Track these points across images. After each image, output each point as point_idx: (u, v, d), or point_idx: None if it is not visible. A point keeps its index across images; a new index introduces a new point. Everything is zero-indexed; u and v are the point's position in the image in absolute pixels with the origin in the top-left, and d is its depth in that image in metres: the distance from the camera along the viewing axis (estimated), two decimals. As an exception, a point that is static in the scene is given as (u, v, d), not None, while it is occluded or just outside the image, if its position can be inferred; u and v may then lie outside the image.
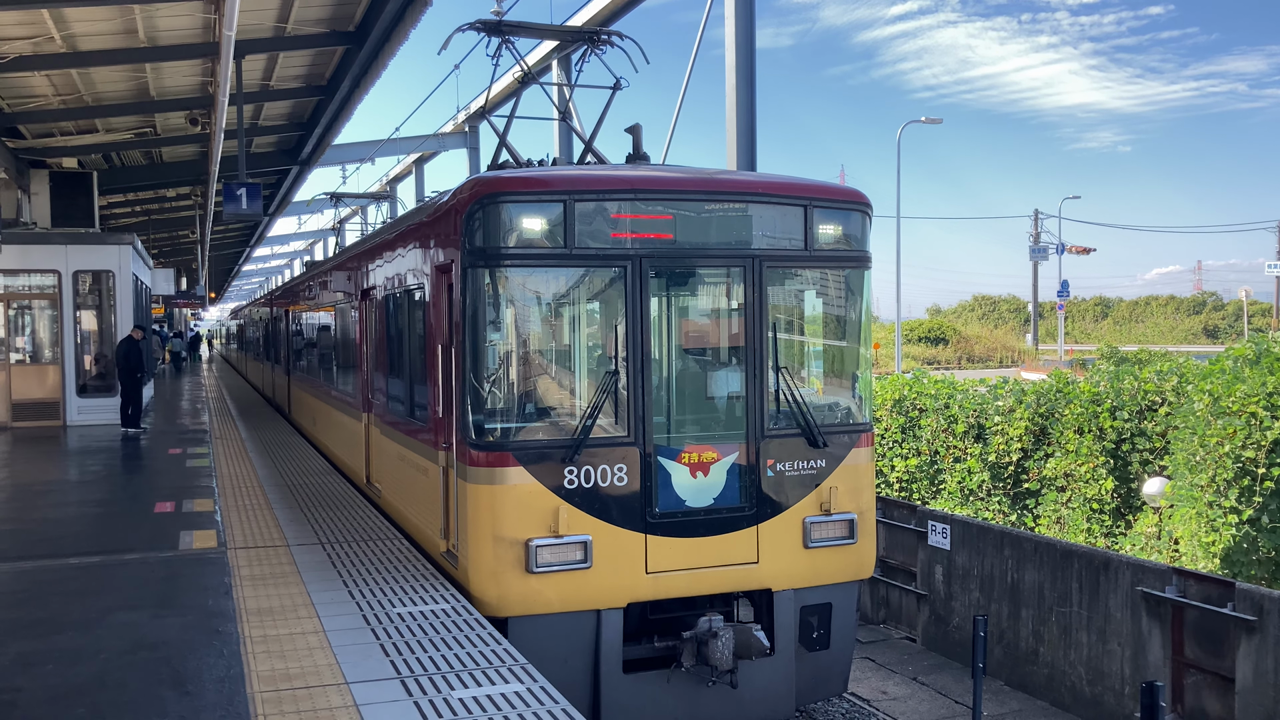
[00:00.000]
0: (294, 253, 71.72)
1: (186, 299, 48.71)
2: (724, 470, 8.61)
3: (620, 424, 8.39)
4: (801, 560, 8.86)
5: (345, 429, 14.88)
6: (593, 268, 8.46)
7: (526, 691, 6.16)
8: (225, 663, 6.64)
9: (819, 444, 8.87)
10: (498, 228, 8.13)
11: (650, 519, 8.38)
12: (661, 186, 8.55)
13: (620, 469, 8.30)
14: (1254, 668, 10.33)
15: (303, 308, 20.90)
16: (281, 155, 27.29)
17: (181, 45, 16.43)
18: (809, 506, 8.87)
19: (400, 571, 9.08)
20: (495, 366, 8.35)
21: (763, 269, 8.78)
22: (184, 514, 11.61)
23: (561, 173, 8.84)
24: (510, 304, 8.40)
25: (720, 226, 8.67)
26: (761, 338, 8.76)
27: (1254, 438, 12.86)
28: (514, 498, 8.08)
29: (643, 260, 8.41)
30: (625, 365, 8.37)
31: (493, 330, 8.29)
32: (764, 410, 8.74)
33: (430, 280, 9.27)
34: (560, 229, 8.20)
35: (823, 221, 8.98)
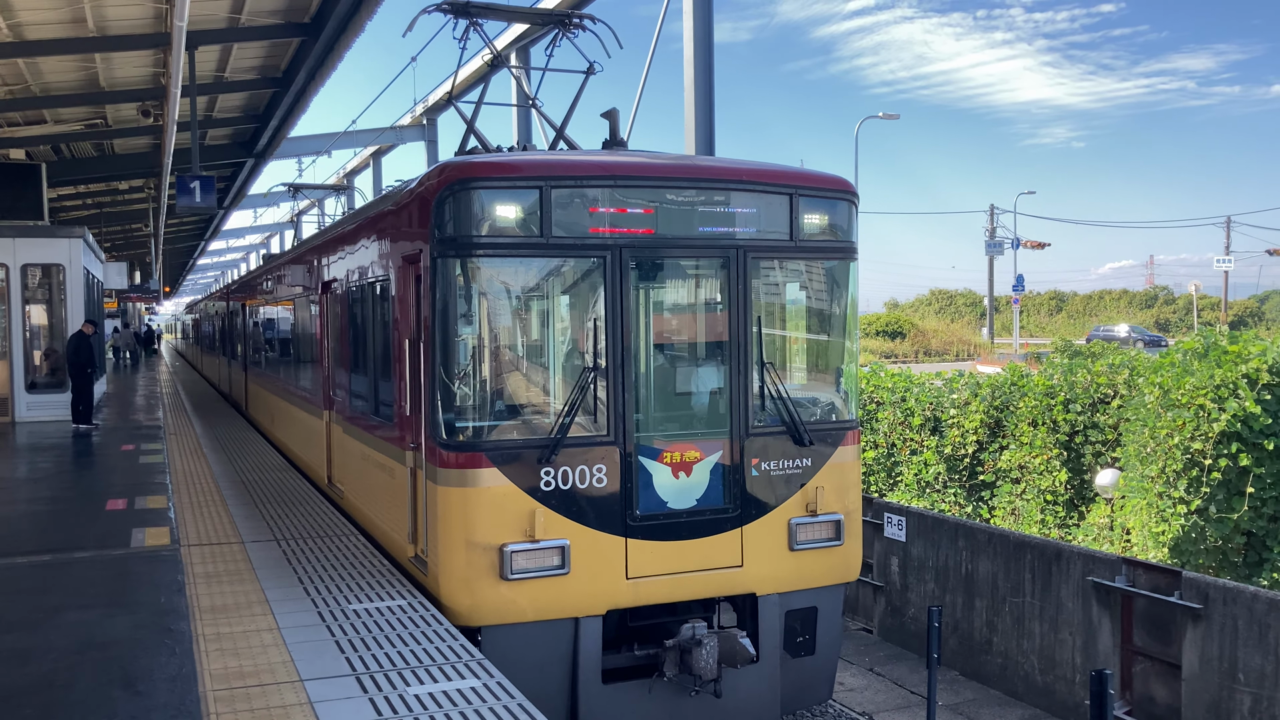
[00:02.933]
0: (250, 246, 70.88)
1: (140, 293, 48.00)
2: (707, 470, 8.30)
3: (599, 422, 8.06)
4: (787, 563, 8.57)
5: (305, 427, 14.38)
6: (570, 258, 8.10)
7: (483, 686, 6.15)
8: (177, 661, 6.57)
9: (805, 442, 8.55)
10: (469, 215, 7.74)
11: (631, 522, 8.06)
12: (642, 173, 8.21)
13: (599, 470, 7.97)
14: (1200, 655, 10.54)
15: (260, 302, 20.19)
16: (236, 148, 26.96)
17: (132, 35, 16.17)
18: (794, 507, 8.58)
19: (356, 568, 9.02)
20: (466, 362, 7.98)
21: (747, 260, 8.44)
22: (136, 511, 11.45)
23: (537, 158, 8.41)
24: (482, 296, 8.05)
25: (703, 215, 8.34)
26: (746, 332, 8.45)
27: (1202, 429, 13.10)
28: (487, 501, 7.73)
29: (623, 250, 8.05)
30: (604, 360, 8.01)
31: (464, 324, 7.90)
32: (748, 407, 8.43)
33: (397, 272, 8.84)
34: (536, 217, 7.81)
35: (808, 211, 8.66)
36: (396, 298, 8.90)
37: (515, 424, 8.14)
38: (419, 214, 8.16)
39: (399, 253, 8.75)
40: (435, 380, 7.88)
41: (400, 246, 8.74)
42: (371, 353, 10.11)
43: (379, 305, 9.77)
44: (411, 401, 8.49)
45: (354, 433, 10.98)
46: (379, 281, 9.64)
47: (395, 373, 8.95)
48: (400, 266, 8.70)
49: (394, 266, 8.93)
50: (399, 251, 8.76)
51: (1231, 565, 13.03)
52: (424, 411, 8.10)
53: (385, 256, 9.33)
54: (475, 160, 7.98)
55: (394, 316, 8.99)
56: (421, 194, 8.13)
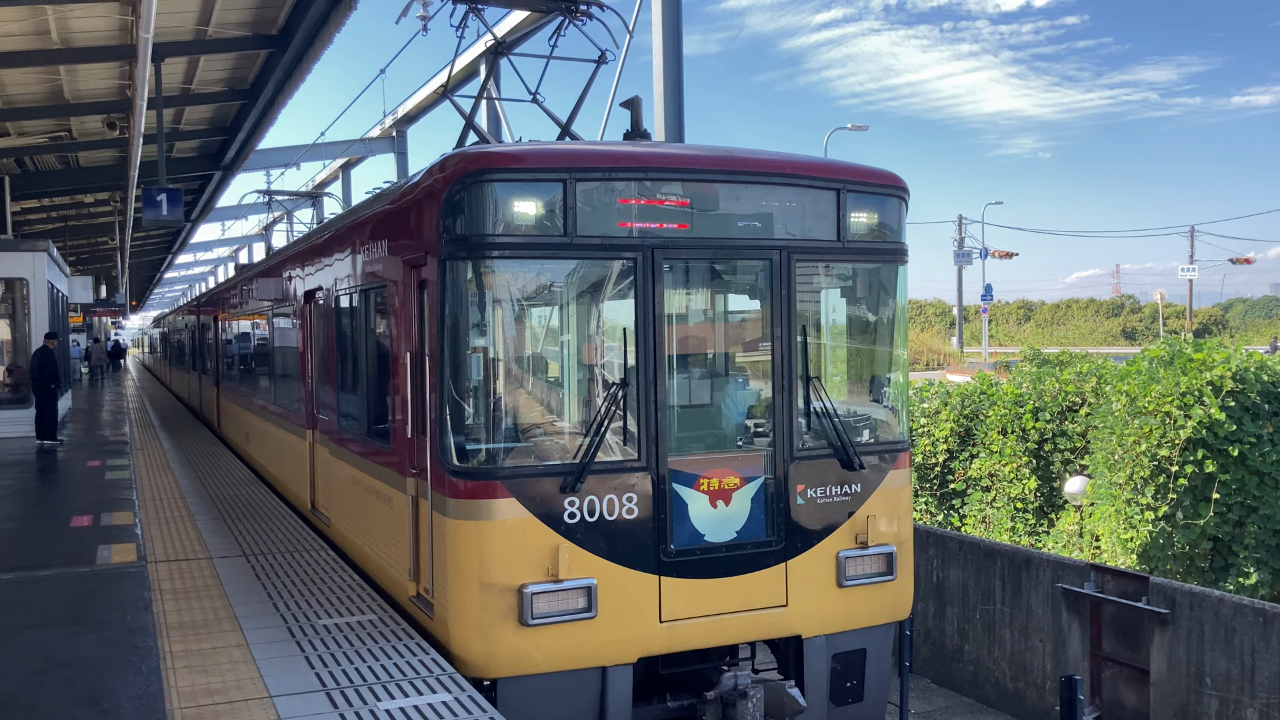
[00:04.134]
0: (218, 259, 70.34)
1: (106, 307, 47.51)
2: (748, 498, 7.45)
3: (629, 445, 7.20)
4: (835, 601, 7.71)
5: (285, 447, 13.39)
6: (596, 260, 7.23)
7: (454, 701, 6.11)
8: (144, 679, 6.48)
9: (855, 466, 7.72)
10: (484, 212, 6.88)
11: (664, 557, 7.18)
12: (677, 165, 7.36)
13: (629, 499, 7.11)
14: (1167, 659, 10.63)
15: (234, 313, 19.30)
16: (204, 160, 26.76)
17: (97, 48, 16.03)
18: (843, 539, 7.74)
19: (326, 582, 8.94)
20: (478, 378, 7.09)
21: (791, 263, 7.59)
22: (102, 527, 11.30)
23: (559, 147, 7.51)
24: (498, 303, 7.18)
25: (743, 212, 7.50)
26: (789, 343, 7.61)
27: (1169, 436, 13.25)
28: (505, 535, 6.86)
29: (654, 251, 7.18)
30: (634, 375, 7.16)
31: (476, 335, 7.05)
32: (793, 427, 7.60)
33: (396, 277, 7.99)
34: (558, 214, 6.95)
35: (857, 208, 7.83)
36: (395, 307, 8.11)
37: (534, 447, 7.28)
38: (425, 212, 7.33)
39: (399, 256, 7.94)
40: (443, 399, 7.02)
41: (401, 249, 7.93)
42: (364, 368, 9.32)
43: (374, 315, 9.01)
44: (414, 422, 7.64)
45: (343, 455, 10.04)
46: (374, 289, 8.85)
47: (393, 390, 8.14)
48: (401, 272, 7.89)
49: (393, 272, 8.13)
50: (399, 255, 7.95)
51: (1198, 570, 13.17)
52: (429, 434, 7.24)
53: (382, 261, 8.48)
54: (489, 150, 7.12)
55: (392, 327, 8.22)
56: (428, 189, 7.31)
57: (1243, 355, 13.97)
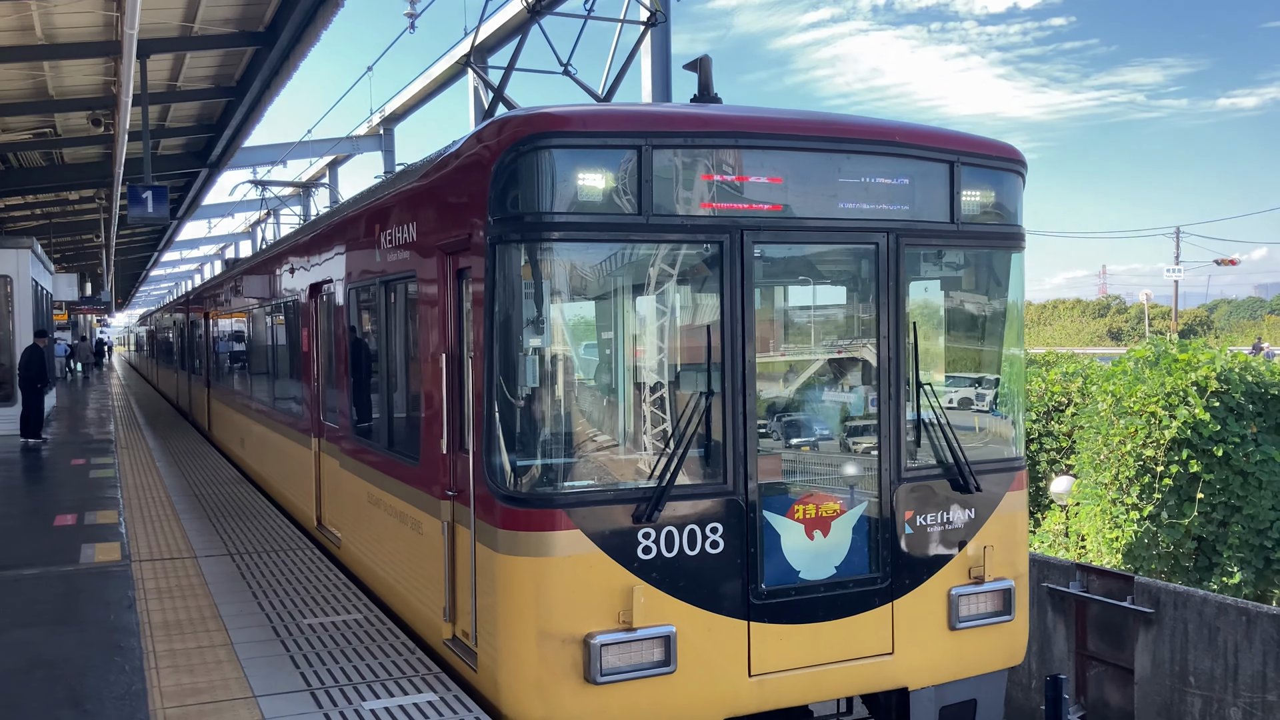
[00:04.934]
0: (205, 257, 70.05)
1: (91, 305, 47.28)
2: (849, 528, 6.42)
3: (714, 465, 6.14)
4: (946, 646, 6.70)
5: (286, 455, 12.32)
6: (676, 243, 6.15)
7: (440, 700, 6.09)
8: (127, 679, 6.44)
9: (971, 488, 6.69)
10: (543, 185, 5.78)
11: (754, 599, 6.12)
12: (773, 130, 6.23)
13: (714, 529, 6.04)
14: (1151, 658, 10.68)
15: (228, 309, 18.02)
16: (190, 157, 26.65)
17: (81, 43, 15.95)
18: (955, 573, 6.72)
19: (310, 582, 8.91)
20: (535, 385, 5.96)
21: (900, 249, 6.52)
22: (86, 526, 11.24)
23: (633, 108, 6.44)
24: (557, 296, 6.08)
25: (845, 188, 6.41)
26: (898, 344, 6.54)
27: (1154, 436, 13.31)
28: (568, 575, 5.77)
29: (744, 234, 6.10)
30: (720, 382, 6.09)
31: (532, 333, 5.92)
32: (901, 442, 6.54)
33: (428, 266, 6.92)
34: (631, 188, 5.87)
35: (971, 185, 6.82)
36: (426, 300, 7.03)
37: (602, 468, 6.29)
38: (469, 186, 6.21)
39: (433, 241, 6.83)
40: (491, 409, 5.91)
41: (435, 232, 6.82)
42: (384, 370, 8.27)
43: (395, 310, 7.99)
44: (450, 436, 6.58)
45: (357, 469, 8.90)
46: (397, 280, 7.76)
47: (425, 397, 7.02)
48: (434, 259, 6.79)
49: (423, 260, 7.03)
50: (432, 239, 6.84)
51: (1183, 570, 13.24)
52: (473, 450, 6.14)
53: (409, 247, 7.38)
54: (551, 110, 5.95)
55: (421, 324, 7.18)
56: (474, 158, 6.16)
57: (1227, 356, 14.04)
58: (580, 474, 6.16)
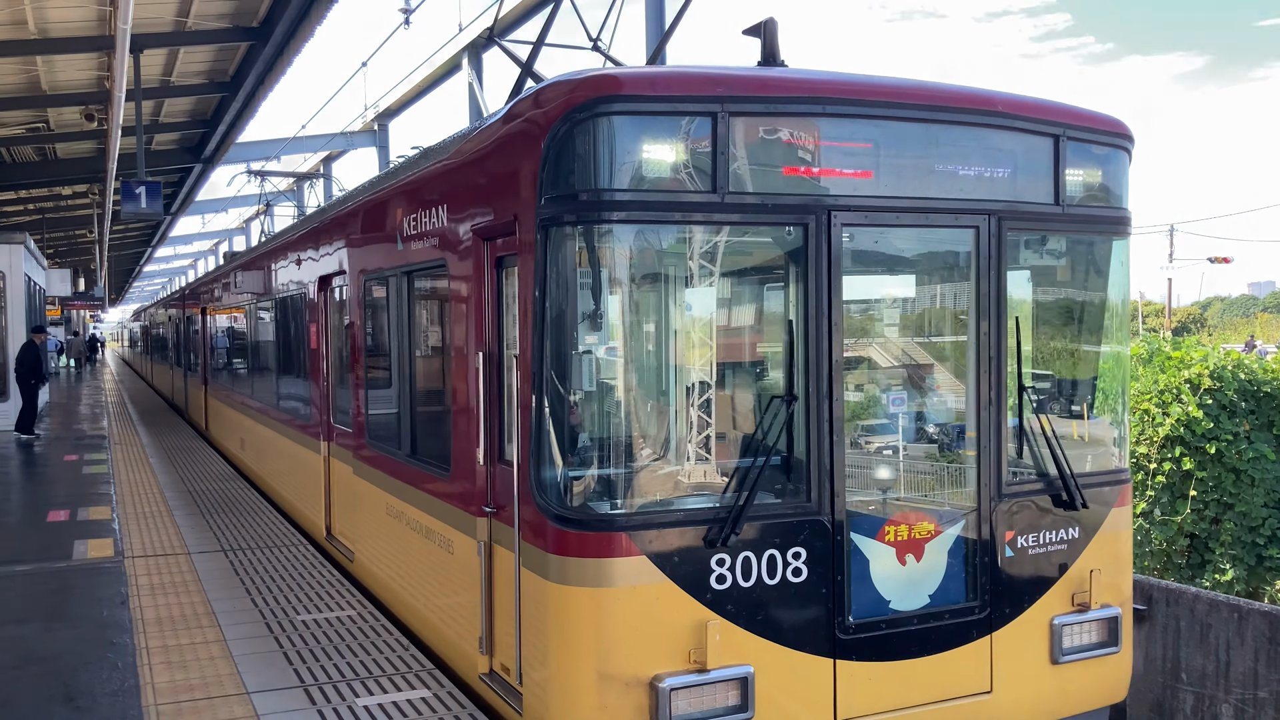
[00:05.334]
0: (199, 253, 69.94)
1: (85, 300, 47.19)
2: (944, 551, 5.73)
3: (797, 481, 5.45)
4: (1047, 682, 6.02)
5: (291, 459, 11.60)
6: (754, 225, 5.41)
7: (433, 697, 6.09)
8: (120, 675, 6.44)
9: (1076, 504, 5.97)
10: (605, 158, 5.04)
11: (841, 633, 5.44)
12: (864, 95, 5.47)
13: (796, 555, 5.34)
14: (1144, 655, 10.71)
15: (229, 303, 17.07)
16: (184, 153, 26.62)
17: (74, 38, 15.92)
18: (1057, 600, 6.02)
19: (304, 578, 8.90)
20: (595, 389, 5.26)
21: (1002, 234, 5.79)
22: (79, 522, 11.23)
23: (706, 69, 5.50)
24: (618, 286, 5.34)
25: (942, 164, 5.69)
26: (999, 342, 5.83)
27: (1147, 434, 13.34)
28: (633, 607, 5.08)
29: (830, 215, 5.36)
30: (805, 385, 5.38)
31: (589, 330, 5.18)
32: (1002, 453, 5.83)
33: (463, 253, 6.20)
34: (704, 162, 5.13)
35: (1077, 162, 6.09)
36: (460, 291, 6.31)
37: (668, 485, 5.62)
38: (516, 160, 5.47)
39: (467, 224, 6.16)
40: (542, 416, 5.20)
41: (471, 216, 6.12)
42: (406, 369, 7.55)
43: (423, 304, 7.37)
44: (487, 445, 5.89)
45: (376, 479, 8.20)
46: (425, 270, 7.06)
47: (456, 401, 6.36)
48: (469, 246, 6.11)
49: (456, 246, 6.33)
50: (467, 223, 6.17)
51: (1175, 567, 13.28)
52: (519, 463, 5.42)
53: (439, 233, 6.64)
54: (616, 71, 5.27)
55: (454, 319, 6.46)
56: (523, 128, 5.41)
57: (1220, 354, 14.08)
58: (645, 491, 5.43)
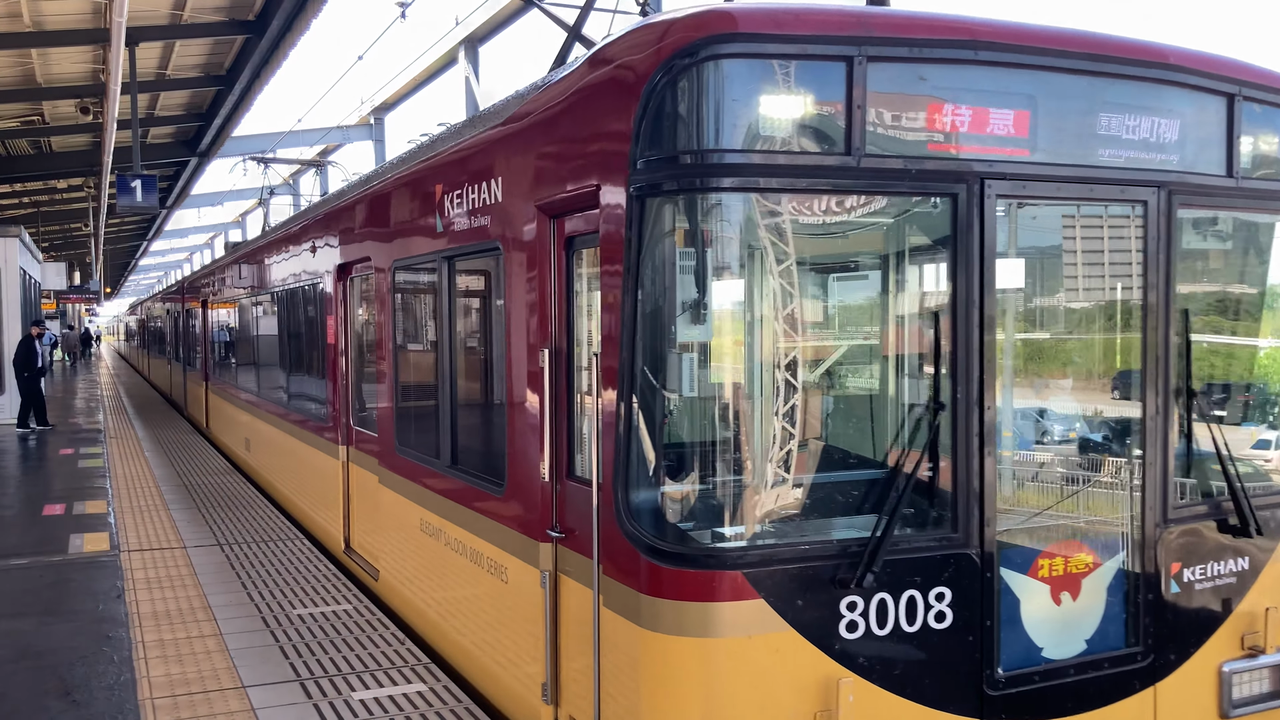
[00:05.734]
0: (194, 246, 69.86)
1: (80, 294, 47.11)
2: (1102, 587, 4.80)
3: (940, 507, 4.51)
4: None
5: (303, 464, 10.77)
6: (893, 196, 4.46)
7: (429, 691, 6.10)
8: (116, 669, 6.44)
9: (1251, 530, 5.01)
10: (716, 111, 4.05)
11: (989, 688, 4.46)
12: (1022, 41, 4.49)
13: (940, 596, 4.38)
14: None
15: (233, 295, 16.08)
16: (179, 146, 26.56)
17: (70, 31, 15.88)
18: (1226, 643, 5.07)
19: (300, 572, 8.91)
20: (701, 395, 4.33)
21: (1173, 210, 4.83)
22: (74, 516, 11.23)
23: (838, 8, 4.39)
24: (726, 271, 4.35)
25: (1107, 126, 4.69)
26: (1167, 336, 4.86)
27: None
28: (751, 663, 4.13)
29: (984, 184, 4.37)
30: (952, 390, 4.40)
31: (688, 322, 4.18)
32: (1169, 471, 4.88)
33: (523, 233, 5.29)
34: (836, 118, 4.16)
35: (1253, 127, 5.12)
36: (518, 277, 5.37)
37: (793, 513, 4.66)
38: (601, 118, 4.53)
39: (529, 200, 5.22)
40: (633, 426, 4.22)
41: (534, 189, 5.19)
42: (446, 368, 6.60)
43: (468, 292, 6.57)
44: (554, 458, 4.98)
45: (408, 491, 7.31)
46: (471, 253, 6.16)
47: (512, 405, 5.46)
48: (531, 225, 5.21)
49: (514, 225, 5.41)
50: (529, 198, 5.22)
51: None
52: (602, 482, 4.47)
53: (490, 211, 5.72)
54: (730, 8, 4.23)
55: (510, 310, 5.50)
56: (614, 76, 4.45)
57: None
58: (762, 520, 4.54)
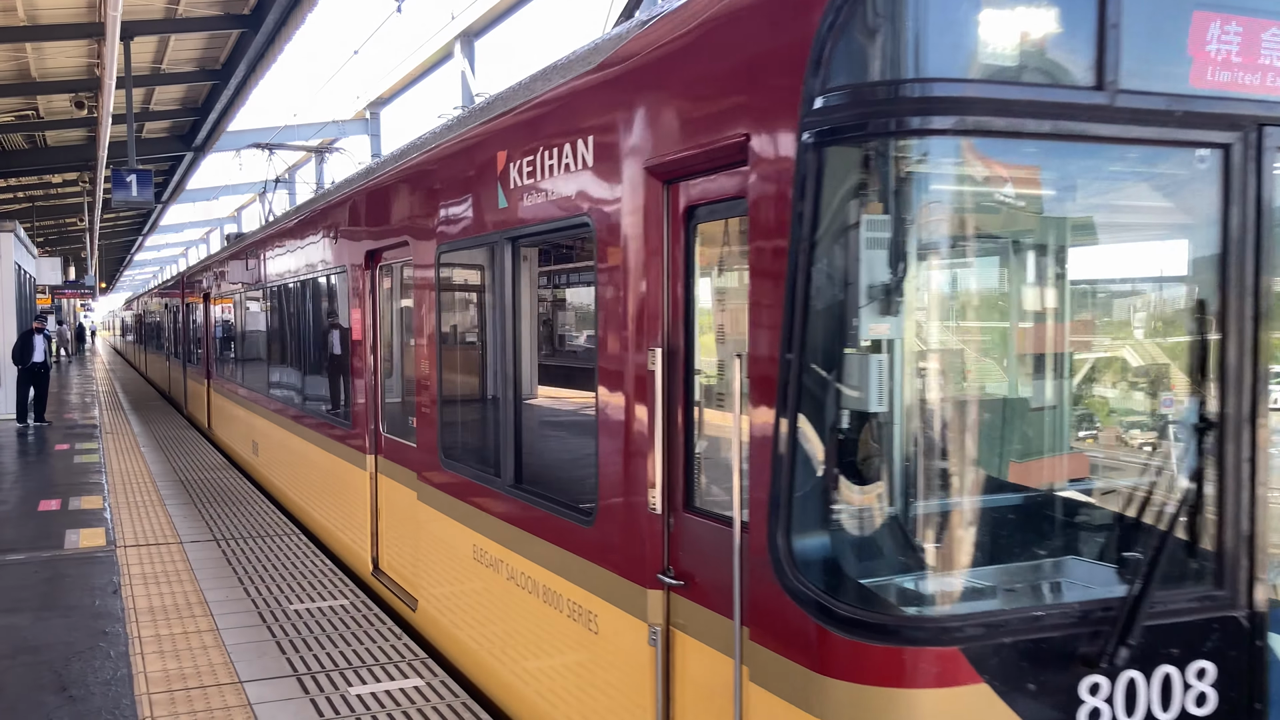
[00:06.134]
0: (190, 241, 69.74)
1: (75, 289, 47.00)
2: None
3: (1201, 558, 3.47)
4: None
5: (321, 471, 9.89)
6: (1150, 144, 3.34)
7: (426, 686, 6.10)
8: (112, 664, 6.44)
9: None
10: (928, 28, 3.06)
11: None
12: None
13: (1200, 673, 3.36)
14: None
15: (239, 287, 14.95)
16: (175, 141, 26.49)
17: (64, 25, 15.82)
18: None
19: (297, 567, 8.90)
20: (902, 409, 3.28)
21: None
22: (70, 512, 11.21)
23: None
24: (934, 249, 3.34)
25: None
26: None
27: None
28: None
29: (1263, 132, 3.36)
30: (1221, 403, 3.39)
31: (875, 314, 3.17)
32: None
33: (625, 202, 4.26)
34: (1079, 42, 3.16)
35: None
36: (617, 259, 4.31)
37: (1020, 566, 3.65)
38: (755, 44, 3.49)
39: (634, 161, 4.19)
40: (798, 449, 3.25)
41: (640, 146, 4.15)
42: (510, 369, 5.50)
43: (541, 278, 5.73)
44: (668, 484, 4.04)
45: (454, 510, 6.32)
46: (549, 231, 5.07)
47: (608, 416, 4.40)
48: (635, 191, 4.18)
49: (609, 194, 4.38)
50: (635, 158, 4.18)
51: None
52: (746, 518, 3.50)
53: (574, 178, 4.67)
54: None
55: (606, 300, 4.41)
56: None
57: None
58: (982, 577, 3.47)
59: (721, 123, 3.65)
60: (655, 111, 4.11)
